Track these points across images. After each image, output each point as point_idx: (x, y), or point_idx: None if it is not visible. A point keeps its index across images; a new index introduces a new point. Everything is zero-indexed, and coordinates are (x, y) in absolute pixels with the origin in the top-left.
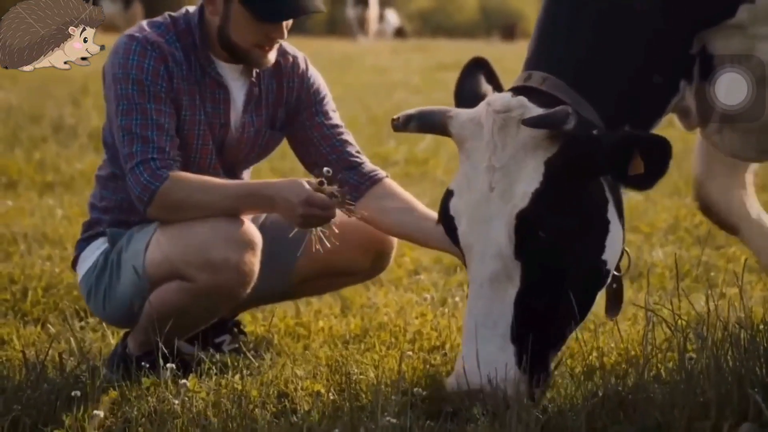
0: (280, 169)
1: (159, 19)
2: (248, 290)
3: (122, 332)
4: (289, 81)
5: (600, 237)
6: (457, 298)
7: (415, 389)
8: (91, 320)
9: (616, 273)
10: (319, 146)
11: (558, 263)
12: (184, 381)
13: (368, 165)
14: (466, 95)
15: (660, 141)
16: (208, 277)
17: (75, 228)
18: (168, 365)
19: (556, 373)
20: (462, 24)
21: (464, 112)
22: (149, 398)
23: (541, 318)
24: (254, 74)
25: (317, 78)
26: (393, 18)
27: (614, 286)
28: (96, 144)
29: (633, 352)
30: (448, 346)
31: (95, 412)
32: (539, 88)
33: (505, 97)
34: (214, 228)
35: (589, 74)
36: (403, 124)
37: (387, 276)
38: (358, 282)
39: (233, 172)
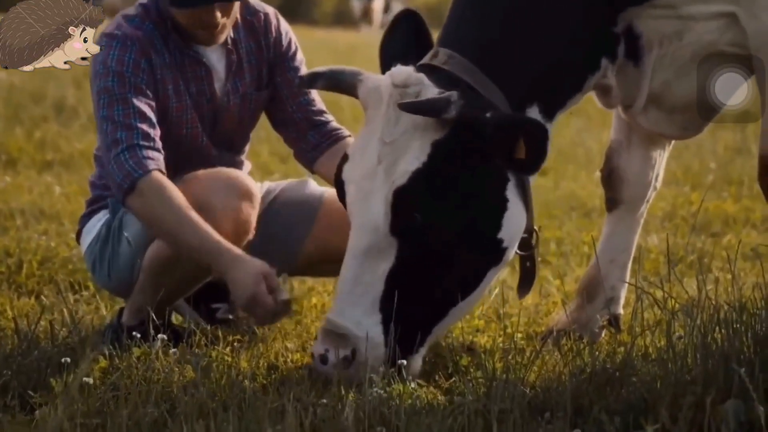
0: (279, 153)
1: (131, 11)
2: (245, 241)
3: (116, 307)
4: (265, 38)
5: (495, 216)
6: None
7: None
8: (85, 293)
9: (520, 252)
10: (286, 103)
11: (437, 243)
12: (174, 350)
13: (333, 124)
14: (392, 53)
15: (536, 125)
16: (206, 222)
17: (72, 205)
18: (159, 336)
19: (543, 350)
20: None
21: (372, 78)
22: (139, 367)
23: (418, 294)
24: (230, 41)
25: (289, 32)
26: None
27: (527, 264)
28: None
29: (622, 331)
30: None
31: (84, 378)
32: (442, 68)
33: (407, 71)
34: (213, 177)
35: (496, 53)
36: (308, 82)
37: None
38: None
39: (230, 145)
